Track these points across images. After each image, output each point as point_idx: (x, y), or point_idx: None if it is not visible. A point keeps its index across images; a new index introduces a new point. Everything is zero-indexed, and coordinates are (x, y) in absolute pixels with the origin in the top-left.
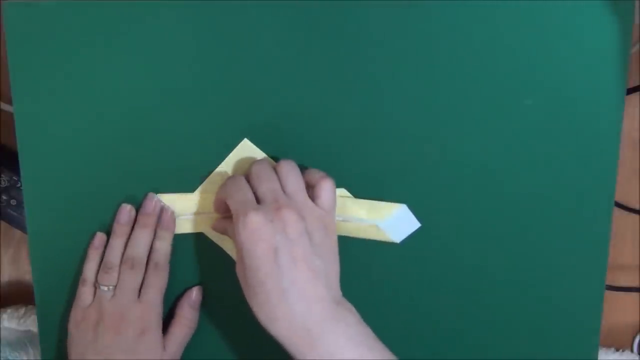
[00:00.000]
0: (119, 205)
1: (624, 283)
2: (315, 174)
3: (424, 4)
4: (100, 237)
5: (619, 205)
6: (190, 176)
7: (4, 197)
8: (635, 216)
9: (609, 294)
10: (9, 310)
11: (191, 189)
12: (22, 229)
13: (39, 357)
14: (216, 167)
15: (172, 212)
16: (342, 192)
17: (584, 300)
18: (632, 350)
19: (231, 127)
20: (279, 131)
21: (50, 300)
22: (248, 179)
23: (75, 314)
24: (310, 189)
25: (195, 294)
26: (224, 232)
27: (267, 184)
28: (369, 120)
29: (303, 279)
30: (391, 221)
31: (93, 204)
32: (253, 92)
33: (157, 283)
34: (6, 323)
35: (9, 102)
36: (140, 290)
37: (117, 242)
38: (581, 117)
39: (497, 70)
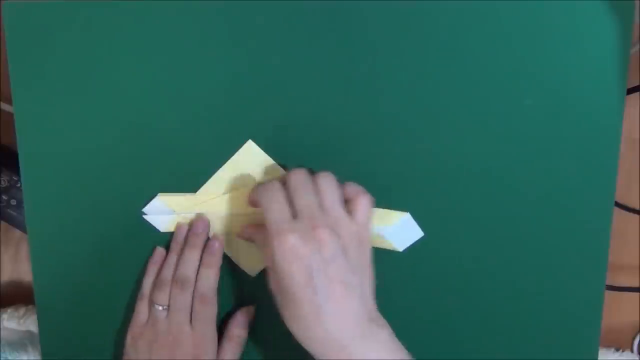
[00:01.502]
0: (119, 205)
1: (624, 283)
2: (352, 188)
3: (424, 4)
4: (159, 252)
5: (619, 205)
6: (193, 177)
7: (4, 197)
8: (635, 216)
9: (609, 294)
10: (9, 310)
11: (193, 189)
12: (22, 229)
13: (39, 357)
14: (219, 168)
15: (222, 240)
16: None
17: (584, 300)
18: (632, 350)
19: (235, 128)
20: (283, 133)
21: (50, 300)
22: (284, 186)
23: (133, 330)
24: (347, 203)
25: (246, 314)
26: (249, 239)
27: (305, 199)
28: (372, 123)
29: (338, 297)
30: (395, 229)
31: (93, 204)
32: (257, 93)
33: (206, 315)
34: (6, 323)
35: (9, 102)
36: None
37: (172, 259)
38: (581, 117)
39: (497, 70)
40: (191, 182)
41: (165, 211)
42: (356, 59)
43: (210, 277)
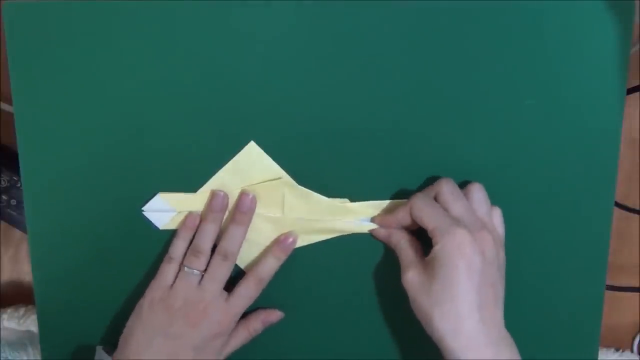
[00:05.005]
0: (119, 206)
1: (624, 283)
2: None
3: (425, 4)
4: (193, 217)
5: (619, 205)
6: (194, 177)
7: (4, 197)
8: (635, 216)
9: (609, 294)
10: (9, 310)
11: (194, 190)
12: (22, 229)
13: (39, 357)
14: (219, 168)
15: (294, 240)
16: (344, 202)
17: (584, 300)
18: (632, 351)
19: (237, 130)
20: (285, 135)
21: (50, 300)
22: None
23: (154, 292)
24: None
25: (275, 316)
26: (387, 240)
27: (462, 204)
28: (373, 124)
29: (490, 301)
30: None
31: (93, 204)
32: (260, 95)
33: (249, 296)
34: (6, 323)
35: (9, 102)
36: (227, 288)
37: (209, 228)
38: (581, 117)
39: (497, 71)
40: (192, 183)
41: (164, 209)
42: (358, 60)
43: (274, 265)
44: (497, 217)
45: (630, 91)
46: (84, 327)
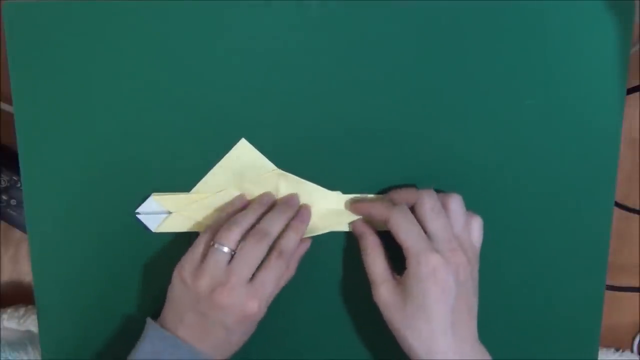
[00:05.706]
0: (119, 205)
1: (624, 283)
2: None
3: (424, 4)
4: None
5: (619, 205)
6: (188, 176)
7: (4, 197)
8: (635, 216)
9: (609, 294)
10: (9, 310)
11: (189, 189)
12: (22, 229)
13: (39, 357)
14: (212, 167)
15: (308, 208)
16: (337, 194)
17: (584, 300)
18: (632, 351)
19: (229, 127)
20: (276, 132)
21: (50, 300)
22: (412, 206)
23: (184, 266)
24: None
25: (305, 246)
26: (358, 238)
27: (441, 222)
28: (368, 121)
29: (464, 319)
30: None
31: (93, 203)
32: (251, 93)
33: (273, 274)
34: (6, 323)
35: (9, 102)
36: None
37: (250, 211)
38: (581, 117)
39: (497, 71)
40: (187, 181)
41: (159, 210)
42: (357, 60)
43: (293, 241)
44: (476, 229)
45: (630, 91)
46: (84, 327)
